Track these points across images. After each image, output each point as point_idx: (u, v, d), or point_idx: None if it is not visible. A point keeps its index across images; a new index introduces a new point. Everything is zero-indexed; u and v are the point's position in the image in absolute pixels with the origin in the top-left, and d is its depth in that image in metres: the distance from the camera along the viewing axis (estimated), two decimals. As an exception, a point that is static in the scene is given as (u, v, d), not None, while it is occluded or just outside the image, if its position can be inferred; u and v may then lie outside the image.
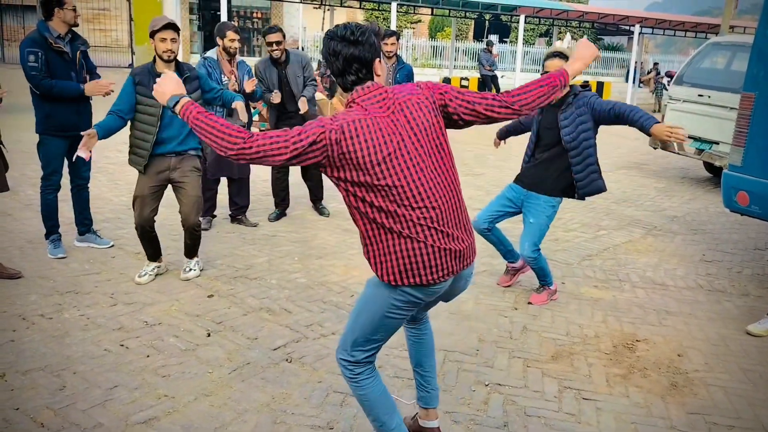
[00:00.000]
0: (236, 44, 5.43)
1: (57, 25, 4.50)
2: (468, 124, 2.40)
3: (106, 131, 3.99)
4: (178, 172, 4.28)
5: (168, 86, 2.35)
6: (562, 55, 4.02)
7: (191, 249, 4.51)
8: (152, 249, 4.43)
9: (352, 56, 2.19)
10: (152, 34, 4.07)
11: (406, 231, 2.21)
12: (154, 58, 4.19)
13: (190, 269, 4.52)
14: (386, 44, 6.16)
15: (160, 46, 4.09)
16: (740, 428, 3.04)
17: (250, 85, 5.35)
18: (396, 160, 2.17)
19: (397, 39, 6.23)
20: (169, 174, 4.28)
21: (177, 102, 2.28)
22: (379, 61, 2.26)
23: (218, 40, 5.45)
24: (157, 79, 2.41)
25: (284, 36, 5.76)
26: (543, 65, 4.13)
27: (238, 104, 4.61)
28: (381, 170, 2.16)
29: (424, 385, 2.72)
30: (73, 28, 4.62)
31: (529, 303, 4.35)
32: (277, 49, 5.66)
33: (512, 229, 5.38)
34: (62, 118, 4.54)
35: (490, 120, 2.39)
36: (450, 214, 2.28)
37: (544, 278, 4.40)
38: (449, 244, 2.26)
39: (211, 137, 2.15)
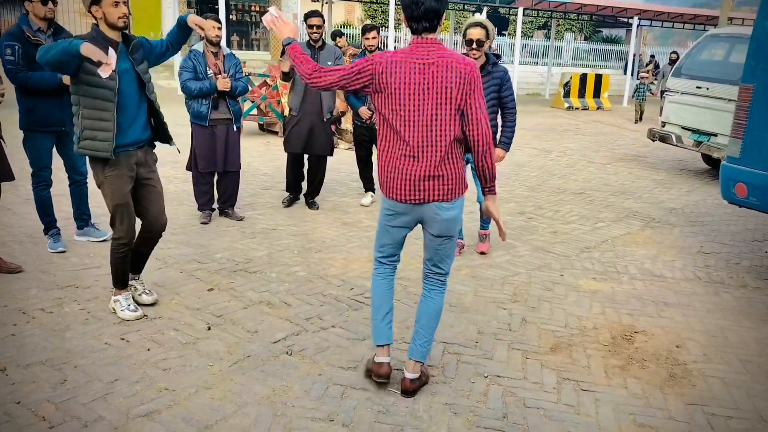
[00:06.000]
0: (215, 32, 5.42)
1: (34, 19, 4.45)
2: None
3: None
4: (145, 168, 3.73)
5: (290, 27, 3.02)
6: (482, 26, 4.39)
7: (145, 258, 3.95)
8: (131, 265, 3.82)
9: (432, 8, 2.73)
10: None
11: (391, 150, 2.85)
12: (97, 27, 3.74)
13: (143, 293, 3.94)
14: (367, 38, 6.25)
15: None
16: (738, 419, 3.06)
17: (222, 84, 5.34)
18: (406, 94, 2.76)
19: (378, 33, 6.28)
20: (138, 170, 3.69)
21: (290, 42, 2.97)
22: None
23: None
24: (278, 19, 3.00)
25: (324, 21, 5.90)
26: (465, 33, 4.41)
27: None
28: (393, 97, 2.77)
29: (414, 336, 3.11)
30: (70, 24, 4.63)
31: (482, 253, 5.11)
32: (317, 32, 5.85)
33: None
34: (44, 113, 4.48)
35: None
36: (427, 155, 2.79)
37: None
38: (413, 173, 2.81)
39: (298, 64, 2.89)
